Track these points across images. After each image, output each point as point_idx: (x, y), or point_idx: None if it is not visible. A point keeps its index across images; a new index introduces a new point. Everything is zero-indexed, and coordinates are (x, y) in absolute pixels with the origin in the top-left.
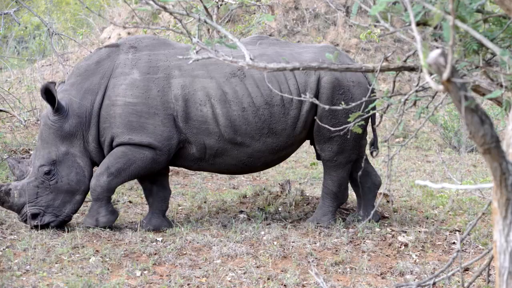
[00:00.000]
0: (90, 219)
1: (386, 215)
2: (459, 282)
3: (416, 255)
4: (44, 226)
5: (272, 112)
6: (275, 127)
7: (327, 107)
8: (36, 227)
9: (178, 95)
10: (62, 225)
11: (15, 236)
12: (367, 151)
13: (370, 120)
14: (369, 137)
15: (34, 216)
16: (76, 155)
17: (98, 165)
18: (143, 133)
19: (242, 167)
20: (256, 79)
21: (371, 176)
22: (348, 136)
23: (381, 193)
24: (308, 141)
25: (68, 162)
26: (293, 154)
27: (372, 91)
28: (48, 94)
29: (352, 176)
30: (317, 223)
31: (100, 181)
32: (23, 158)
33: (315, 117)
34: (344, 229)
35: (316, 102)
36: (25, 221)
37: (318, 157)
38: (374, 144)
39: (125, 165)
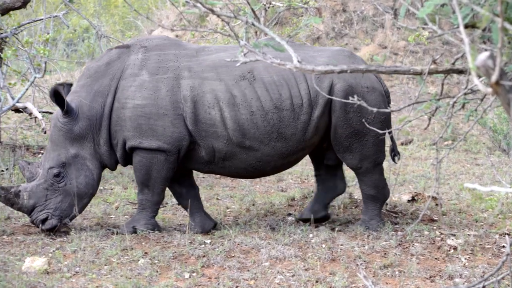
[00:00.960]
0: (127, 227)
1: (435, 218)
2: (508, 285)
3: (465, 259)
4: (51, 230)
5: (281, 116)
6: (284, 132)
7: (375, 109)
8: (47, 231)
9: (187, 96)
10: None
11: (65, 238)
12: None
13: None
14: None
15: (44, 220)
16: (86, 157)
17: (109, 168)
18: (152, 136)
19: (251, 171)
20: (266, 83)
21: (337, 179)
22: (367, 140)
23: (429, 196)
24: None
25: (78, 164)
26: None
27: (387, 96)
28: (57, 96)
29: (319, 172)
30: (366, 228)
31: (145, 196)
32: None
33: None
34: (393, 232)
35: (364, 104)
36: (37, 225)
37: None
38: (394, 149)
39: (147, 174)
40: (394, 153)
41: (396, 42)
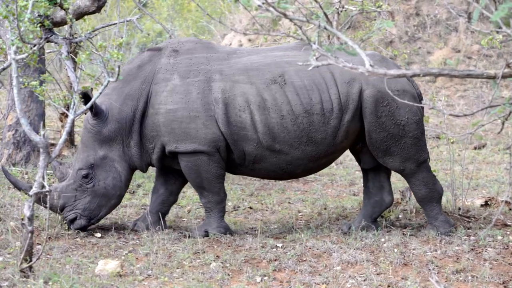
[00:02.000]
0: (199, 230)
1: (508, 223)
2: None
3: None
4: (81, 229)
5: (311, 121)
6: (314, 136)
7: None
8: (78, 229)
9: (218, 98)
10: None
11: (137, 241)
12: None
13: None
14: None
15: (73, 220)
16: (115, 159)
17: (139, 169)
18: (186, 139)
19: (281, 173)
20: (297, 87)
21: (384, 192)
22: (404, 142)
23: (503, 201)
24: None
25: (106, 166)
26: None
27: (420, 98)
28: (86, 98)
29: (367, 185)
30: (436, 230)
31: (207, 199)
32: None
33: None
34: (466, 237)
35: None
36: (67, 225)
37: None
38: None
39: (198, 176)
40: None
41: (470, 45)
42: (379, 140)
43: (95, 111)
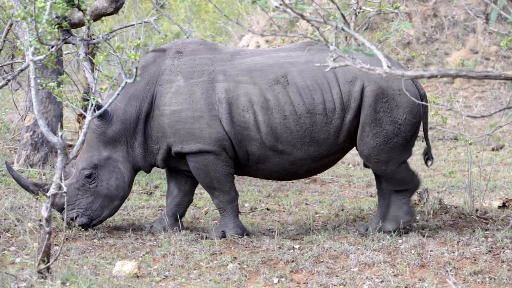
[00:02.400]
0: (216, 232)
1: None
2: None
3: None
4: (81, 226)
5: (314, 121)
6: (317, 136)
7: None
8: (82, 226)
9: (222, 98)
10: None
11: (155, 242)
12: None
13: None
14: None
15: (74, 219)
16: (118, 160)
17: (143, 170)
18: (191, 140)
19: (284, 174)
20: (299, 87)
21: None
22: (396, 141)
23: None
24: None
25: (109, 167)
26: None
27: (423, 99)
28: (89, 99)
29: (381, 186)
30: (395, 222)
31: (219, 199)
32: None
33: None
34: (483, 238)
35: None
36: (67, 223)
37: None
38: (428, 153)
39: (207, 176)
40: (428, 156)
41: (488, 47)
42: (371, 135)
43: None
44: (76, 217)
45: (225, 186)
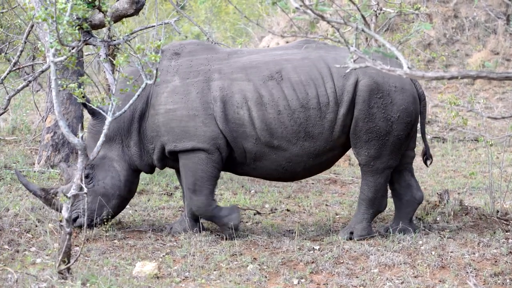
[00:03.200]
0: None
1: None
2: None
3: None
4: (90, 227)
5: (308, 115)
6: (311, 131)
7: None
8: (78, 227)
9: (217, 96)
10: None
11: (175, 243)
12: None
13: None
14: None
15: (75, 219)
16: (114, 159)
17: (141, 170)
18: (185, 138)
19: (283, 172)
20: (293, 82)
21: (412, 189)
22: (387, 139)
23: None
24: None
25: (105, 166)
26: (451, 164)
27: (421, 99)
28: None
29: (393, 187)
30: (351, 232)
31: (195, 203)
32: None
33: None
34: (504, 240)
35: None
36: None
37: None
38: (426, 153)
39: (194, 176)
40: (427, 156)
41: (509, 48)
42: (364, 130)
43: (92, 111)
44: (76, 218)
45: (206, 189)
